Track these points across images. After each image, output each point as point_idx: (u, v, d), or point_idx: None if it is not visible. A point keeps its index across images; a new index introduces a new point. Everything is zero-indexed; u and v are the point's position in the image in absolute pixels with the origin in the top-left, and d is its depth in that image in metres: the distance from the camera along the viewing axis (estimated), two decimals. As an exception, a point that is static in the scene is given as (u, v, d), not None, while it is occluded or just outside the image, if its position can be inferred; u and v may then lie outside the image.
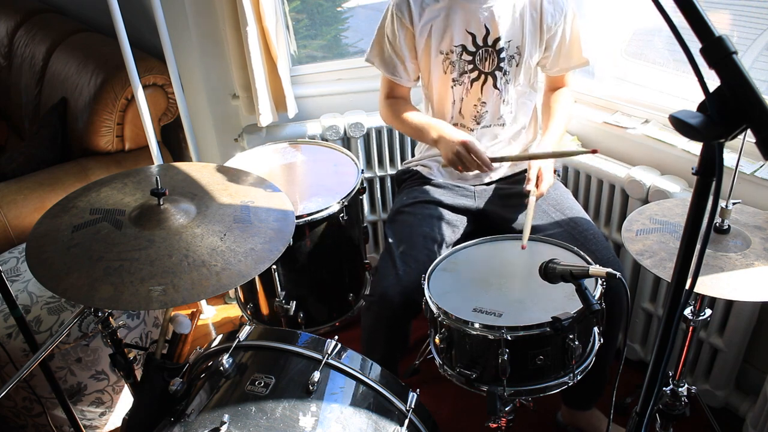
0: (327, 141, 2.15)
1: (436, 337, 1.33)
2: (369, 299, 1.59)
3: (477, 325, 1.23)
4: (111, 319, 1.35)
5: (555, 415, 1.86)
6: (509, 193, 1.74)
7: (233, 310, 2.52)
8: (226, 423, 1.03)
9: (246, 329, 1.24)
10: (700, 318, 1.36)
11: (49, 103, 2.63)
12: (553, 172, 1.72)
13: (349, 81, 2.33)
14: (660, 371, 0.83)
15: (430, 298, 1.32)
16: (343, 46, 2.79)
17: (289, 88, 2.15)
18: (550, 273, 1.16)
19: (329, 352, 1.16)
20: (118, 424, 1.98)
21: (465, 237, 1.71)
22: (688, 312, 1.37)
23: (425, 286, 1.34)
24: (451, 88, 1.67)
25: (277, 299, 1.67)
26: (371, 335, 1.61)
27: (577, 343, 1.24)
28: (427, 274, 1.38)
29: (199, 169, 1.49)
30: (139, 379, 1.44)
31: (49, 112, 2.56)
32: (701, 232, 0.73)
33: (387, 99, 1.78)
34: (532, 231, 1.58)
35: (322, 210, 1.62)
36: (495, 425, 1.31)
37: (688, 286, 0.76)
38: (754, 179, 1.61)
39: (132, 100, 2.34)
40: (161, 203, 1.26)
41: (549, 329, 1.20)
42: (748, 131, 0.61)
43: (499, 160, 1.61)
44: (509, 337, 1.20)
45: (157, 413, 1.16)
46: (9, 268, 1.89)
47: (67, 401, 1.55)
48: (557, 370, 1.27)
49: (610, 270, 1.11)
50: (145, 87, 2.17)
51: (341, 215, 1.66)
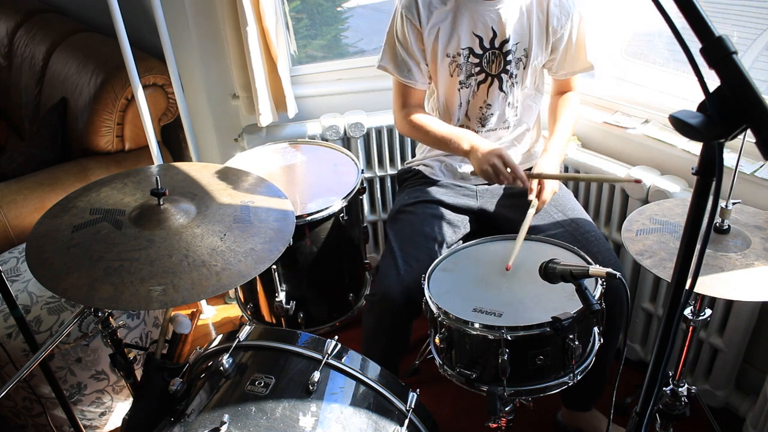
0: (327, 141, 2.15)
1: (436, 337, 1.33)
2: (370, 299, 1.59)
3: (477, 325, 1.23)
4: (111, 319, 1.35)
5: (555, 415, 1.86)
6: (511, 192, 1.74)
7: (233, 310, 2.52)
8: (226, 423, 1.03)
9: (246, 329, 1.24)
10: (700, 318, 1.36)
11: (49, 103, 2.63)
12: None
13: (349, 81, 2.33)
14: (660, 371, 0.83)
15: (430, 298, 1.32)
16: (343, 46, 2.79)
17: (289, 88, 2.15)
18: (550, 273, 1.16)
19: (329, 352, 1.16)
20: (118, 424, 1.98)
21: (467, 237, 1.71)
22: (688, 312, 1.37)
23: (425, 286, 1.34)
24: (458, 90, 1.67)
25: (277, 299, 1.67)
26: (372, 335, 1.61)
27: (577, 343, 1.24)
28: (427, 274, 1.38)
29: (199, 169, 1.49)
30: (139, 379, 1.44)
31: (49, 112, 2.56)
32: (701, 232, 0.73)
33: (403, 109, 1.71)
34: (532, 231, 1.58)
35: (322, 210, 1.62)
36: (495, 425, 1.31)
37: (688, 286, 0.76)
38: (754, 179, 1.61)
39: (132, 100, 2.34)
40: (161, 203, 1.26)
41: (549, 329, 1.20)
42: (748, 131, 0.61)
43: (536, 176, 1.56)
44: (509, 337, 1.20)
45: (157, 413, 1.16)
46: (9, 268, 1.89)
47: (67, 401, 1.55)
48: (557, 370, 1.27)
49: (610, 270, 1.11)
50: (145, 87, 2.17)
51: (341, 215, 1.66)
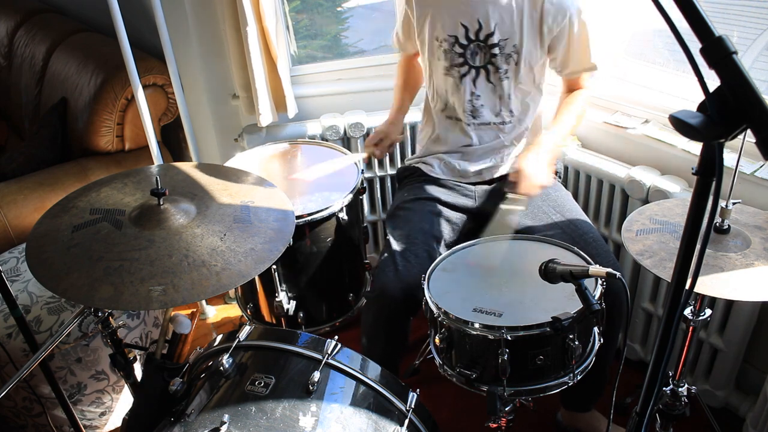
0: (327, 141, 2.15)
1: (436, 337, 1.33)
2: (369, 295, 1.59)
3: (477, 325, 1.23)
4: (111, 319, 1.35)
5: (555, 415, 1.86)
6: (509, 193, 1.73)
7: (233, 310, 2.52)
8: (226, 423, 1.03)
9: (246, 329, 1.24)
10: (700, 318, 1.36)
11: (49, 103, 2.63)
12: (554, 174, 1.72)
13: (349, 81, 2.33)
14: (660, 371, 0.83)
15: (430, 298, 1.31)
16: (343, 46, 2.79)
17: (289, 88, 2.15)
18: (550, 273, 1.16)
19: (329, 352, 1.16)
20: (118, 424, 1.98)
21: (464, 235, 1.71)
22: (688, 312, 1.37)
23: (425, 287, 1.34)
24: (444, 75, 1.69)
25: (277, 299, 1.67)
26: (371, 331, 1.61)
27: (577, 343, 1.24)
28: (427, 275, 1.38)
29: (199, 169, 1.49)
30: (139, 379, 1.44)
31: (49, 112, 2.56)
32: (701, 232, 0.73)
33: (402, 59, 1.93)
34: (529, 231, 1.58)
35: (322, 210, 1.62)
36: (495, 425, 1.31)
37: (688, 286, 0.76)
38: (754, 179, 1.61)
39: (132, 100, 2.34)
40: (161, 203, 1.26)
41: (549, 329, 1.19)
42: (748, 131, 0.61)
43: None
44: (509, 337, 1.20)
45: (157, 413, 1.16)
46: (9, 268, 1.89)
47: (67, 401, 1.55)
48: (557, 370, 1.27)
49: (610, 270, 1.11)
50: (145, 87, 2.17)
51: (341, 215, 1.66)
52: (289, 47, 2.31)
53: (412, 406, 1.19)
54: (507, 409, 1.31)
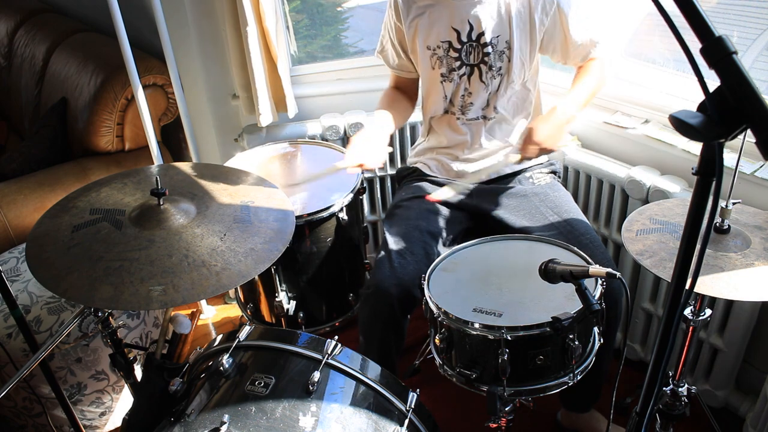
0: (327, 141, 2.15)
1: (436, 337, 1.33)
2: (365, 292, 1.59)
3: (477, 325, 1.23)
4: (111, 319, 1.35)
5: (555, 415, 1.86)
6: (507, 192, 1.73)
7: (233, 310, 2.52)
8: (226, 423, 1.03)
9: (246, 329, 1.24)
10: (700, 318, 1.36)
11: (49, 103, 2.63)
12: (553, 174, 1.73)
13: (349, 81, 2.33)
14: (660, 371, 0.83)
15: (430, 298, 1.32)
16: (343, 46, 2.79)
17: (289, 88, 2.15)
18: (550, 273, 1.16)
19: (329, 352, 1.16)
20: (118, 424, 1.98)
21: (462, 234, 1.71)
22: (688, 312, 1.37)
23: (425, 287, 1.34)
24: (441, 83, 1.69)
25: (277, 299, 1.67)
26: (368, 328, 1.61)
27: (577, 343, 1.24)
28: (426, 275, 1.38)
29: (199, 169, 1.49)
30: (139, 379, 1.44)
31: (49, 112, 2.56)
32: (701, 232, 0.73)
33: (389, 89, 1.88)
34: (526, 231, 1.58)
35: (322, 210, 1.62)
36: (495, 425, 1.31)
37: (688, 286, 0.76)
38: (754, 179, 1.61)
39: (132, 100, 2.34)
40: (161, 203, 1.26)
41: (549, 329, 1.20)
42: (748, 131, 0.61)
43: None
44: (509, 337, 1.20)
45: (157, 413, 1.16)
46: (9, 268, 1.89)
47: (67, 401, 1.55)
48: (557, 370, 1.27)
49: (610, 270, 1.10)
50: (145, 87, 2.17)
51: (341, 215, 1.66)
52: (289, 47, 2.31)
53: (412, 406, 1.19)
54: (507, 409, 1.31)
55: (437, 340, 1.33)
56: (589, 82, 1.65)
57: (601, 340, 1.35)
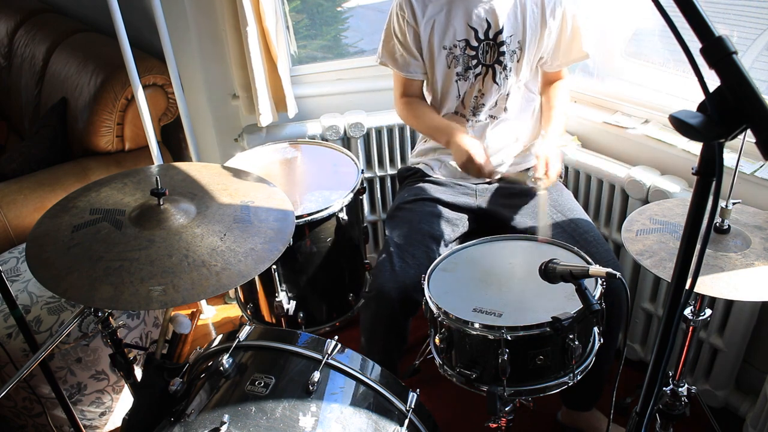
0: (327, 141, 2.15)
1: (436, 337, 1.33)
2: (367, 295, 1.59)
3: (477, 325, 1.23)
4: (111, 319, 1.35)
5: (555, 415, 1.86)
6: (511, 192, 1.73)
7: (233, 310, 2.52)
8: (226, 423, 1.03)
9: (246, 329, 1.24)
10: (700, 318, 1.36)
11: (49, 103, 2.63)
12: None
13: (349, 81, 2.33)
14: (660, 371, 0.83)
15: (430, 298, 1.31)
16: (343, 46, 2.79)
17: (289, 88, 2.15)
18: (550, 273, 1.16)
19: (329, 352, 1.16)
20: (118, 424, 1.98)
21: (466, 236, 1.71)
22: (688, 312, 1.37)
23: (425, 287, 1.34)
24: (455, 82, 1.68)
25: (277, 299, 1.67)
26: (370, 331, 1.61)
27: (577, 343, 1.24)
28: (427, 275, 1.38)
29: (199, 169, 1.49)
30: (139, 379, 1.44)
31: (49, 112, 2.56)
32: (701, 232, 0.73)
33: (402, 98, 1.79)
34: (530, 231, 1.58)
35: (322, 210, 1.62)
36: (495, 425, 1.31)
37: (688, 286, 0.76)
38: (754, 179, 1.61)
39: (132, 100, 2.34)
40: (161, 203, 1.26)
41: (549, 329, 1.19)
42: (748, 131, 0.61)
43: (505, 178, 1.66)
44: (509, 337, 1.20)
45: (157, 413, 1.16)
46: (9, 268, 1.89)
47: (67, 401, 1.55)
48: (557, 370, 1.27)
49: (610, 270, 1.10)
50: (145, 87, 2.17)
51: (341, 215, 1.66)
52: (289, 47, 2.31)
53: (412, 406, 1.19)
54: (507, 409, 1.31)
55: (437, 340, 1.33)
56: (564, 103, 1.75)
57: (602, 340, 1.35)
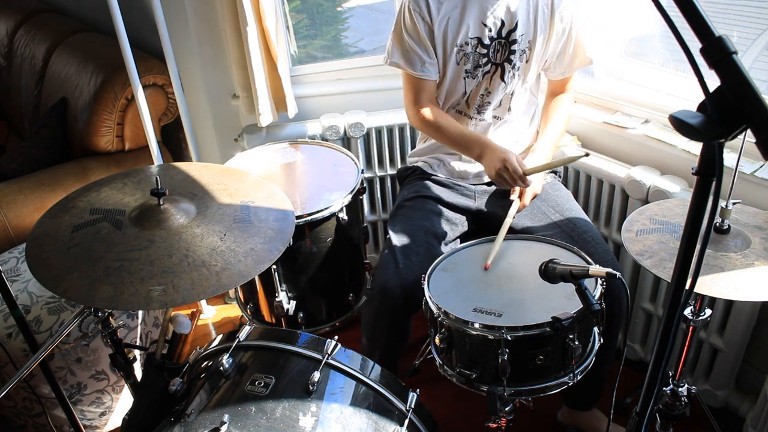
0: (327, 141, 2.15)
1: (436, 337, 1.33)
2: (369, 292, 1.59)
3: (477, 325, 1.23)
4: (111, 319, 1.35)
5: (555, 415, 1.86)
6: (509, 193, 1.73)
7: (233, 310, 2.52)
8: (226, 423, 1.03)
9: (246, 329, 1.24)
10: (700, 318, 1.36)
11: (49, 103, 2.63)
12: (554, 173, 1.73)
13: (349, 81, 2.33)
14: (660, 371, 0.83)
15: (430, 298, 1.31)
16: (343, 46, 2.80)
17: (289, 88, 2.14)
18: (550, 273, 1.16)
19: (329, 352, 1.16)
20: (118, 424, 1.98)
21: (464, 237, 1.71)
22: (688, 312, 1.37)
23: (425, 286, 1.34)
24: (463, 79, 1.68)
25: (277, 299, 1.67)
26: (371, 328, 1.61)
27: (577, 343, 1.24)
28: (427, 274, 1.38)
29: (199, 169, 1.49)
30: (139, 379, 1.44)
31: (49, 112, 2.56)
32: (701, 232, 0.73)
33: (415, 105, 1.70)
34: (528, 231, 1.58)
35: (322, 210, 1.62)
36: (495, 425, 1.31)
37: (688, 286, 0.76)
38: (754, 179, 1.61)
39: (132, 100, 2.34)
40: (161, 203, 1.26)
41: (549, 329, 1.19)
42: (748, 131, 0.61)
43: (531, 171, 1.59)
44: (509, 337, 1.20)
45: (157, 413, 1.16)
46: (9, 268, 1.89)
47: (67, 401, 1.55)
48: (557, 370, 1.27)
49: (610, 270, 1.11)
50: (145, 87, 2.17)
51: (341, 215, 1.66)
52: (289, 47, 2.31)
53: (412, 406, 1.19)
54: (507, 409, 1.31)
55: (437, 340, 1.33)
56: (562, 120, 1.76)
57: (602, 340, 1.35)
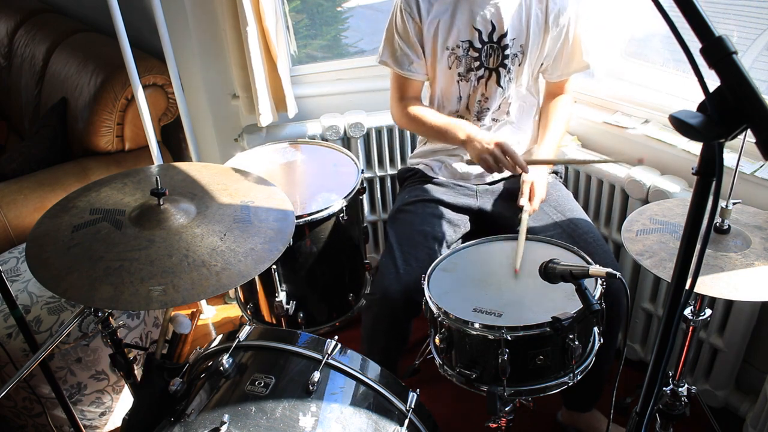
0: (327, 141, 2.15)
1: (436, 337, 1.33)
2: (369, 298, 1.59)
3: (477, 325, 1.23)
4: (111, 319, 1.35)
5: (555, 415, 1.86)
6: (512, 193, 1.73)
7: (233, 310, 2.52)
8: (226, 423, 1.03)
9: (246, 329, 1.24)
10: (700, 318, 1.36)
11: (49, 103, 2.63)
12: (554, 173, 1.73)
13: (349, 81, 2.33)
14: (660, 371, 0.83)
15: (430, 298, 1.31)
16: (343, 46, 2.80)
17: (289, 88, 2.15)
18: (550, 273, 1.16)
19: (329, 352, 1.16)
20: (118, 424, 1.98)
21: (467, 237, 1.71)
22: (688, 312, 1.37)
23: (425, 286, 1.34)
24: (457, 83, 1.68)
25: (277, 299, 1.67)
26: (372, 333, 1.61)
27: (577, 343, 1.24)
28: (427, 274, 1.38)
29: (199, 169, 1.49)
30: (139, 379, 1.44)
31: (49, 112, 2.56)
32: (701, 232, 0.73)
33: (400, 102, 1.73)
34: (530, 232, 1.58)
35: (322, 210, 1.62)
36: (495, 425, 1.31)
37: (688, 286, 0.76)
38: (754, 179, 1.61)
39: (132, 100, 2.34)
40: (161, 203, 1.26)
41: (549, 329, 1.19)
42: (748, 131, 0.61)
43: (533, 162, 1.57)
44: (509, 337, 1.20)
45: (157, 413, 1.16)
46: (9, 268, 1.89)
47: (67, 401, 1.55)
48: (557, 370, 1.27)
49: (610, 270, 1.11)
50: (145, 87, 2.17)
51: (341, 215, 1.66)
52: (289, 47, 2.31)
53: (412, 406, 1.19)
54: (507, 409, 1.31)
55: (437, 340, 1.33)
56: (561, 123, 1.75)
57: (601, 340, 1.35)
